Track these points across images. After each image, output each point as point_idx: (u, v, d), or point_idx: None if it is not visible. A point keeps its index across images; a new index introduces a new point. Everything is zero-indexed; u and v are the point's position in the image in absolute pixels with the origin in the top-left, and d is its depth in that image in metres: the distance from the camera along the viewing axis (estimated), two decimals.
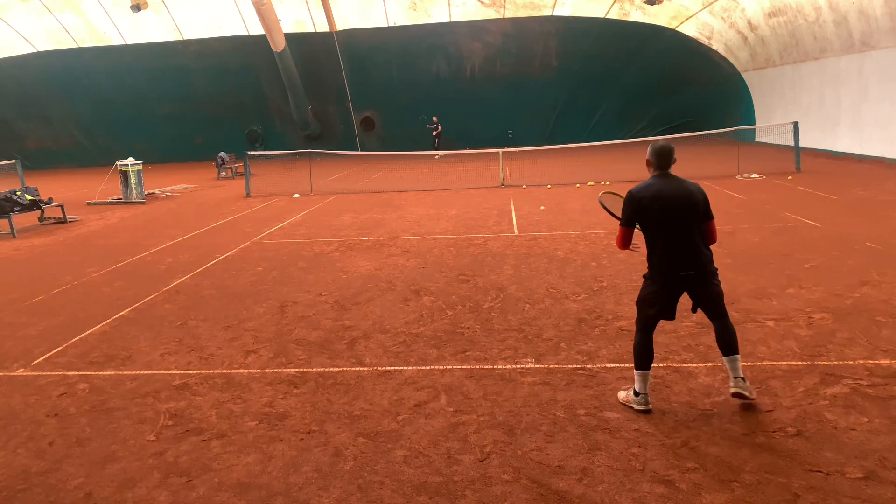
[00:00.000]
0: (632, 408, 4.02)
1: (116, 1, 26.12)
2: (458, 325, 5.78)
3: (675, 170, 4.04)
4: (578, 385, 4.42)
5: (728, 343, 3.94)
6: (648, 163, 4.03)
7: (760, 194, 12.45)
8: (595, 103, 28.62)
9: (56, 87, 29.86)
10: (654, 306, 3.95)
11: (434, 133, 27.28)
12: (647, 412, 3.96)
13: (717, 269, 3.98)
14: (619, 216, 4.14)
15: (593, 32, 26.46)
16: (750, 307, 5.82)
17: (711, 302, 3.95)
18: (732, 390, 3.94)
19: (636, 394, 4.00)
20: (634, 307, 4.15)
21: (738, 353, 3.95)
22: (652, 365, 4.03)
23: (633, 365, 4.07)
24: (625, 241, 4.08)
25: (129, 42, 28.54)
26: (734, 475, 3.28)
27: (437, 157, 25.13)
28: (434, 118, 27.34)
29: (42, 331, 6.27)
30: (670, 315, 3.99)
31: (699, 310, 4.05)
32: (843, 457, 3.39)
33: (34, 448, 3.95)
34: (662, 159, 3.96)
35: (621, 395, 4.16)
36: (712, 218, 3.97)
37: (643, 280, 4.06)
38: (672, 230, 3.86)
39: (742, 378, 3.94)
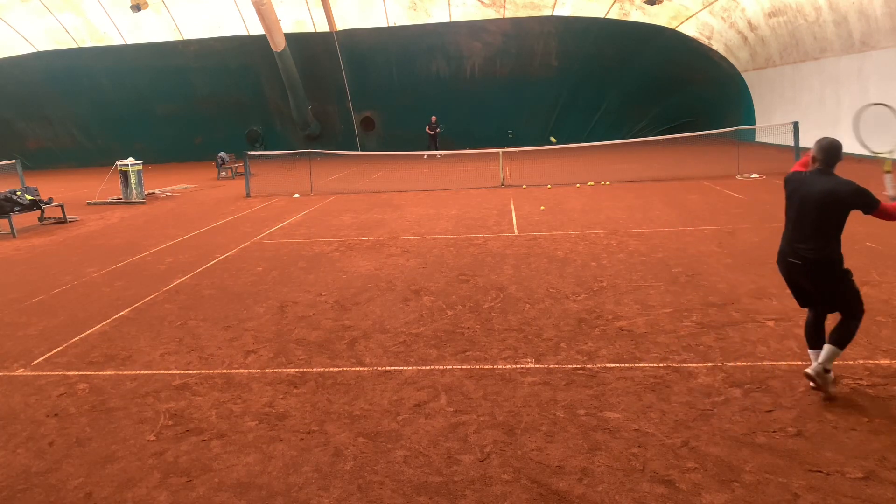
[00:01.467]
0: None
1: (116, 1, 26.11)
2: (458, 325, 5.78)
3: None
4: (578, 385, 4.42)
5: (839, 336, 3.93)
6: (813, 158, 4.04)
7: (760, 194, 12.44)
8: (595, 103, 28.62)
9: (56, 87, 29.84)
10: (790, 289, 4.12)
11: (433, 133, 27.31)
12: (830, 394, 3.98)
13: (845, 271, 3.93)
14: None
15: (593, 32, 26.45)
16: (750, 307, 5.82)
17: (829, 299, 3.99)
18: (808, 370, 3.98)
19: (826, 371, 3.97)
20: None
21: (841, 349, 3.94)
22: (810, 350, 4.11)
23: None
24: None
25: (129, 42, 28.52)
26: (734, 475, 3.28)
27: (434, 156, 25.13)
28: (433, 118, 27.36)
29: (42, 331, 6.27)
30: (800, 301, 4.12)
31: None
32: (843, 457, 3.39)
33: (34, 448, 3.95)
34: (825, 155, 3.97)
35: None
36: (875, 207, 3.83)
37: None
38: (796, 219, 3.98)
39: (827, 370, 3.93)
